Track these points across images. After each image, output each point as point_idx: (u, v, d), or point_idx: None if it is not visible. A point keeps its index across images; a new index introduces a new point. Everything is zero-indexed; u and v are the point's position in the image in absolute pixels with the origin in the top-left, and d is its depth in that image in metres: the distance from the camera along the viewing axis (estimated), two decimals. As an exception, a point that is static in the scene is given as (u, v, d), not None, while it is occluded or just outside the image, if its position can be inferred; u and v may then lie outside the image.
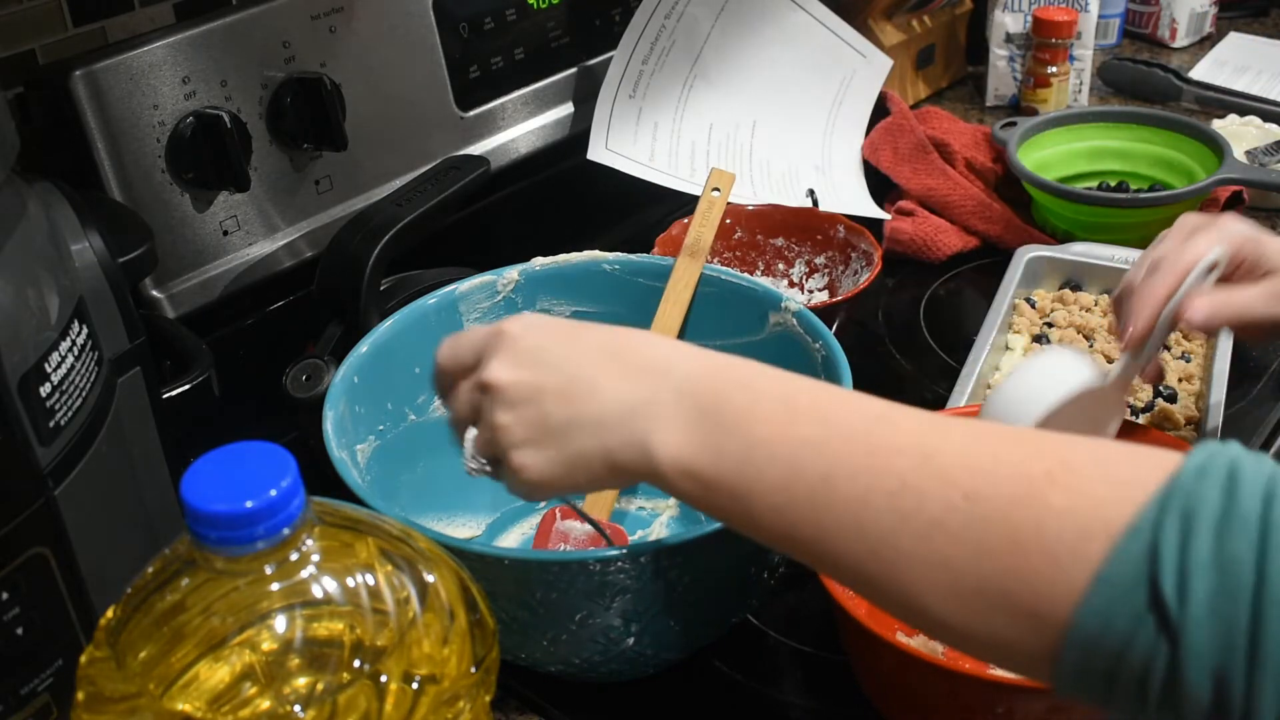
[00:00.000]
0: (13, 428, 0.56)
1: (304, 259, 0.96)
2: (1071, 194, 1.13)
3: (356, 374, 0.76)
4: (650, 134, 1.16)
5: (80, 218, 0.66)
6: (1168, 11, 1.56)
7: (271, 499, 0.47)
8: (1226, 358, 0.95)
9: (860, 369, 0.75)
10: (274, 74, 0.91)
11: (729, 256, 1.08)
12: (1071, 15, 1.34)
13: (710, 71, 1.21)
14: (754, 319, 0.82)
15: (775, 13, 1.25)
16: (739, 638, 0.78)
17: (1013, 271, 1.07)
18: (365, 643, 0.50)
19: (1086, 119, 1.25)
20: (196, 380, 0.73)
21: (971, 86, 1.51)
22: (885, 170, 1.25)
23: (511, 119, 1.11)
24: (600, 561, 0.63)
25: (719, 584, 0.68)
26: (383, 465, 0.77)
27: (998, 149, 1.26)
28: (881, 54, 1.34)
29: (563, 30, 1.13)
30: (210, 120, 0.87)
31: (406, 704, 0.49)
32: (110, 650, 0.49)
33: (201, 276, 0.91)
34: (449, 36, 1.03)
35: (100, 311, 0.65)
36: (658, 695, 0.75)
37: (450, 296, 0.82)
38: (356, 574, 0.51)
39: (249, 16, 0.90)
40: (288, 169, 0.94)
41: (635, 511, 0.89)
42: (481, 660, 0.53)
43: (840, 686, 0.74)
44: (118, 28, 0.89)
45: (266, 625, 0.49)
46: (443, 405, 0.62)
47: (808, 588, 0.81)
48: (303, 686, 0.49)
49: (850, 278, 1.04)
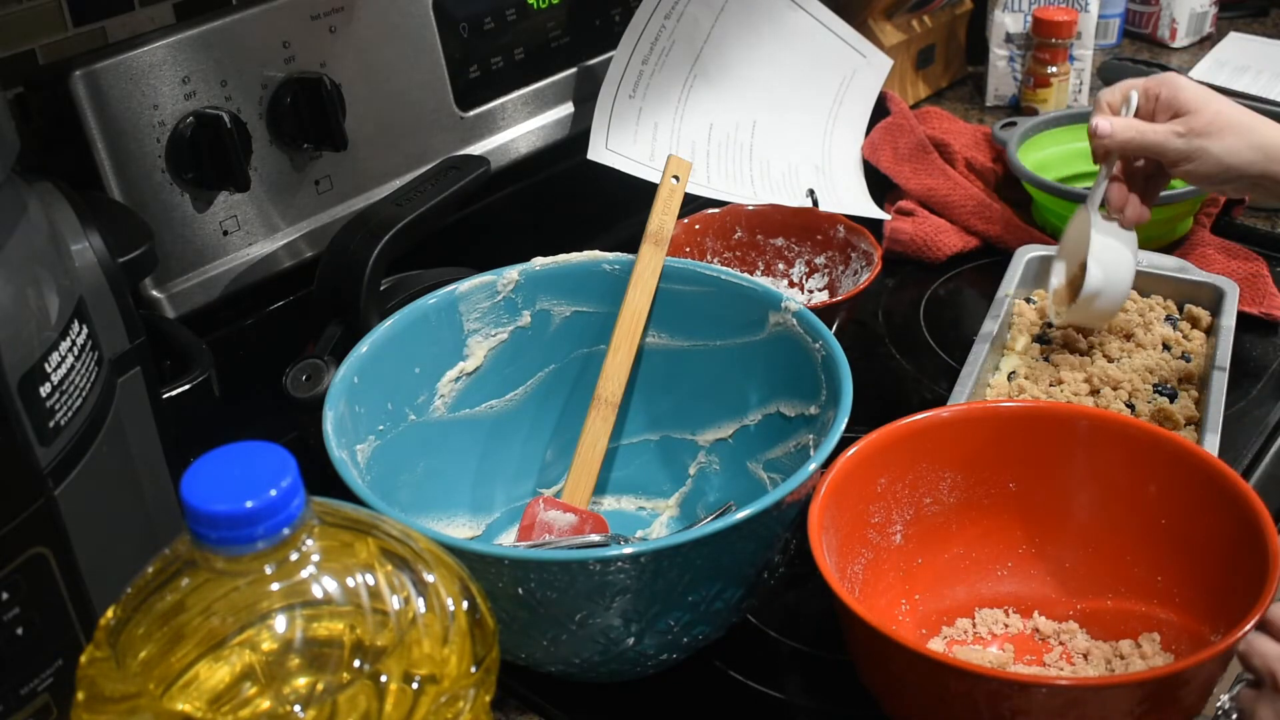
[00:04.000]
0: (13, 428, 0.56)
1: (304, 259, 0.96)
2: (1071, 194, 1.13)
3: (356, 374, 0.76)
4: (650, 134, 1.16)
5: (80, 218, 0.66)
6: (1168, 11, 1.56)
7: (271, 499, 0.46)
8: (1227, 358, 0.95)
9: (860, 369, 0.75)
10: (274, 74, 0.91)
11: (729, 256, 1.08)
12: (1071, 15, 1.34)
13: (710, 71, 1.21)
14: (754, 319, 0.82)
15: (775, 13, 1.25)
16: (739, 638, 0.78)
17: (1013, 271, 1.07)
18: (365, 643, 0.50)
19: (1086, 119, 1.25)
20: (196, 380, 0.73)
21: (971, 86, 1.51)
22: (885, 170, 1.25)
23: (511, 119, 1.11)
24: (600, 561, 0.62)
25: (719, 584, 0.68)
26: (383, 465, 0.77)
27: (998, 149, 1.26)
28: (881, 54, 1.34)
29: (563, 30, 1.13)
30: (210, 120, 0.87)
31: (406, 704, 0.49)
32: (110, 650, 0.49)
33: (201, 276, 0.91)
34: (449, 36, 1.03)
35: (100, 311, 0.65)
36: (658, 695, 0.75)
37: (450, 296, 0.82)
38: (356, 574, 0.51)
39: (249, 16, 0.90)
40: (288, 169, 0.94)
41: (635, 511, 0.89)
42: (481, 660, 0.53)
43: (840, 686, 0.74)
44: (118, 28, 0.89)
45: (266, 625, 0.49)
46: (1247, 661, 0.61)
47: (808, 588, 0.81)
48: (303, 686, 0.49)
49: (850, 278, 1.04)
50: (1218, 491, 0.70)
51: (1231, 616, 0.63)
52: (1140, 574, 0.75)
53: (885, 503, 0.76)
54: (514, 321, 0.85)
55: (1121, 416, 0.76)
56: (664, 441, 0.89)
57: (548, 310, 0.86)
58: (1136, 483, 0.74)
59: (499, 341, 0.85)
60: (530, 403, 0.87)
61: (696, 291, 0.85)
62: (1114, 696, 0.61)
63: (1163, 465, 0.73)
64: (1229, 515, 0.69)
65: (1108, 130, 0.91)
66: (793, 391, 0.80)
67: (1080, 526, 0.77)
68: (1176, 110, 0.90)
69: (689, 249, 1.06)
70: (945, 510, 0.78)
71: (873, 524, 0.76)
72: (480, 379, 0.84)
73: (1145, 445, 0.74)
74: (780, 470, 0.82)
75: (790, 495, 0.66)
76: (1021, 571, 0.78)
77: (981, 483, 0.78)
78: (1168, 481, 0.73)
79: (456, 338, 0.83)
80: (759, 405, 0.84)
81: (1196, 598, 0.71)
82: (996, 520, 0.78)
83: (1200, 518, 0.71)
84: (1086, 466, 0.76)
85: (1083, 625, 0.76)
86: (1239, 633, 0.60)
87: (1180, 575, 0.73)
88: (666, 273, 0.85)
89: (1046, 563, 0.78)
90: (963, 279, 1.16)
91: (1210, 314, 1.02)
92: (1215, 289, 1.03)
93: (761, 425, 0.84)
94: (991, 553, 0.78)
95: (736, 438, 0.86)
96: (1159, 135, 0.90)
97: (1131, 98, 0.93)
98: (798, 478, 0.67)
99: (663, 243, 0.85)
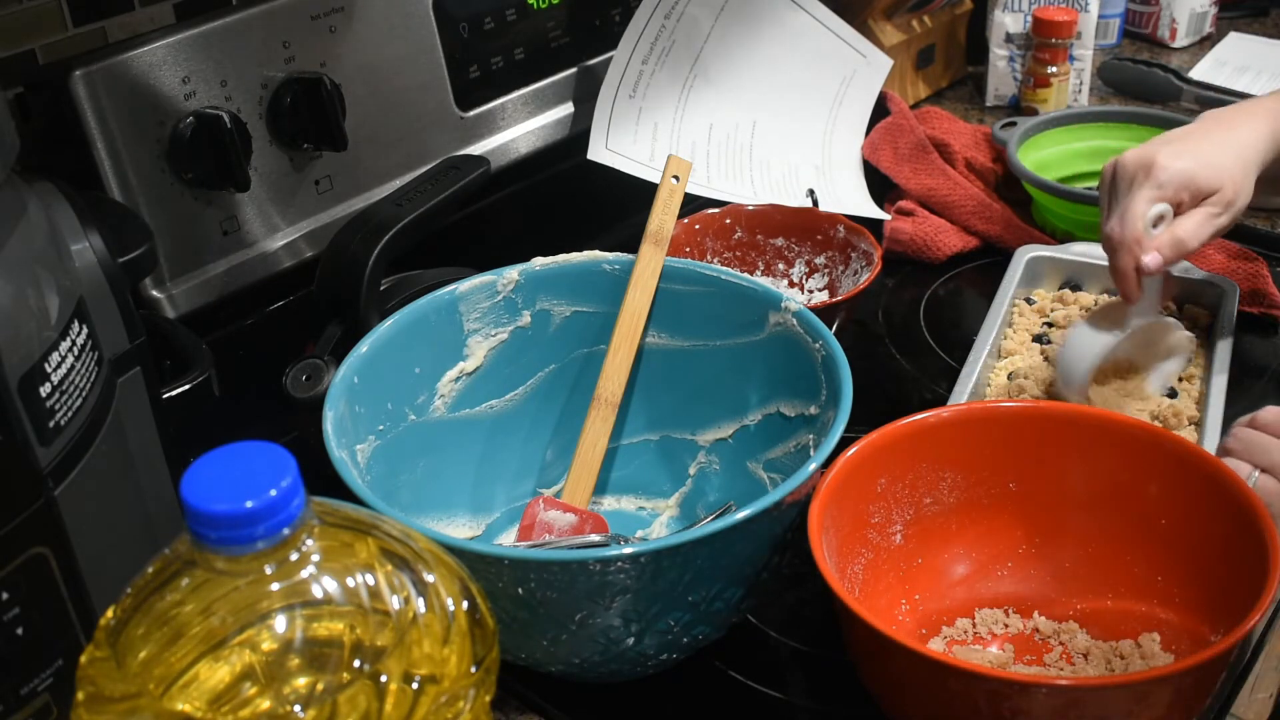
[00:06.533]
0: (13, 428, 0.56)
1: (304, 259, 0.96)
2: (1071, 194, 1.13)
3: (356, 374, 0.76)
4: (650, 134, 1.16)
5: (80, 218, 0.66)
6: (1168, 11, 1.56)
7: (271, 499, 0.46)
8: (1227, 358, 0.95)
9: (860, 369, 0.75)
10: (274, 74, 0.91)
11: (729, 256, 1.08)
12: (1071, 15, 1.34)
13: (710, 71, 1.21)
14: (754, 319, 0.82)
15: (775, 13, 1.25)
16: (739, 638, 0.78)
17: (1013, 271, 1.07)
18: (365, 643, 0.50)
19: (1086, 119, 1.25)
20: (196, 380, 0.73)
21: (971, 86, 1.51)
22: (885, 170, 1.25)
23: (511, 119, 1.11)
24: (600, 561, 0.63)
25: (719, 584, 0.68)
26: (383, 465, 0.77)
27: (998, 149, 1.26)
28: (881, 54, 1.34)
29: (563, 30, 1.13)
30: (210, 120, 0.87)
31: (406, 704, 0.49)
32: (110, 650, 0.49)
33: (201, 276, 0.91)
34: (449, 36, 1.03)
35: (100, 311, 0.65)
36: (658, 695, 0.75)
37: (450, 296, 0.82)
38: (356, 574, 0.51)
39: (249, 16, 0.90)
40: (288, 169, 0.94)
41: (635, 511, 0.89)
42: (481, 660, 0.53)
43: (840, 686, 0.74)
44: (118, 28, 0.89)
45: (266, 625, 0.49)
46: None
47: (808, 588, 0.81)
48: (303, 686, 0.49)
49: (850, 278, 1.04)
50: (1218, 491, 0.70)
51: (1231, 616, 0.63)
52: (1140, 574, 0.75)
53: (885, 503, 0.76)
54: (514, 321, 0.85)
55: (1121, 416, 0.76)
56: (664, 441, 0.89)
57: (548, 310, 0.86)
58: (1136, 483, 0.74)
59: (499, 341, 0.85)
60: (530, 403, 0.87)
61: (696, 291, 0.85)
62: (1114, 696, 0.61)
63: (1163, 465, 0.73)
64: (1229, 515, 0.69)
65: (1158, 262, 0.85)
66: (793, 391, 0.80)
67: (1080, 526, 0.77)
68: (1197, 195, 0.86)
69: (689, 249, 1.06)
70: (945, 510, 0.78)
71: (873, 524, 0.76)
72: (480, 379, 0.84)
73: (1145, 445, 0.74)
74: (780, 470, 0.82)
75: (790, 495, 0.66)
76: (1021, 571, 0.78)
77: (981, 483, 0.78)
78: (1168, 481, 0.73)
79: (456, 338, 0.83)
80: (759, 405, 0.84)
81: (1196, 598, 0.71)
82: (996, 520, 0.78)
83: (1200, 518, 0.71)
84: (1086, 466, 0.76)
85: (1083, 625, 0.76)
86: (1239, 633, 0.60)
87: (1180, 575, 0.73)
88: (666, 273, 0.85)
89: (1046, 563, 0.78)
90: (963, 279, 1.16)
91: (1210, 314, 1.02)
92: (1215, 289, 1.03)
93: (761, 425, 0.84)
94: (991, 553, 0.78)
95: (736, 438, 0.86)
96: (1205, 232, 0.86)
97: (1168, 212, 0.87)
98: (798, 478, 0.67)
99: (663, 243, 0.85)
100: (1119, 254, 0.86)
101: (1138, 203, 0.86)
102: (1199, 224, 0.86)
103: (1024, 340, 1.02)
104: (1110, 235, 0.87)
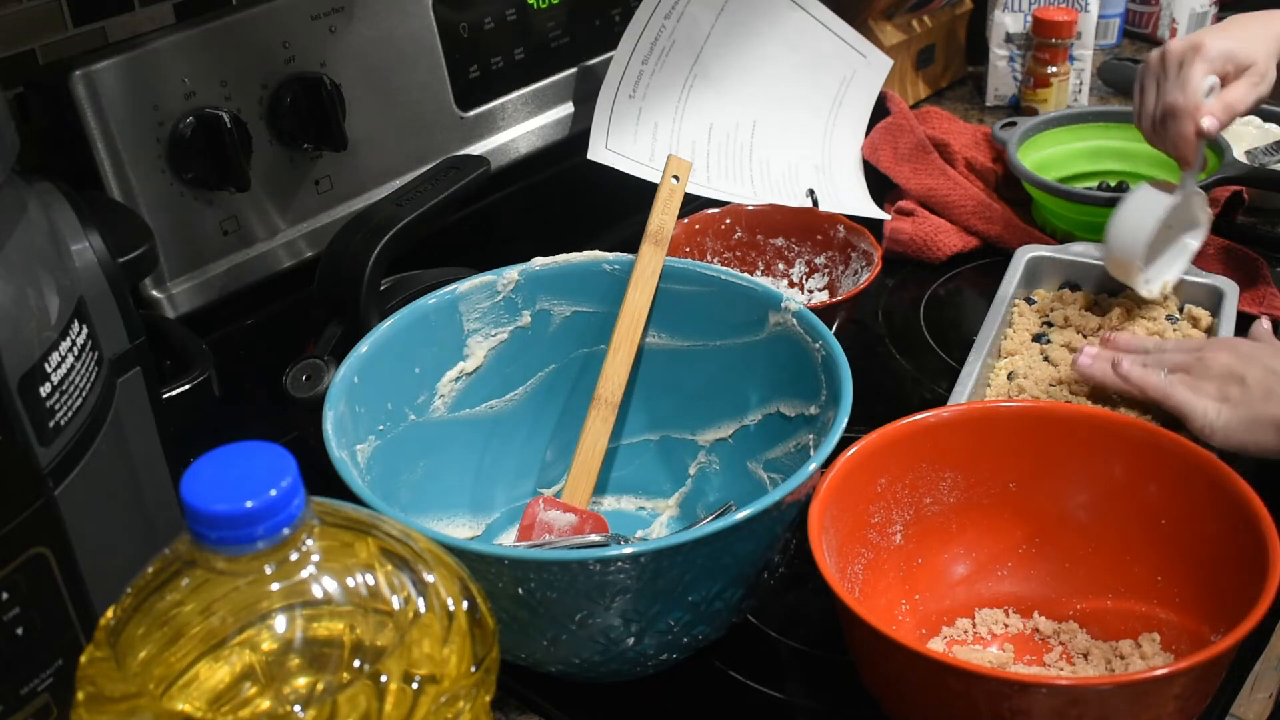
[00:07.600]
0: (13, 428, 0.56)
1: (304, 259, 0.96)
2: (1071, 194, 1.13)
3: (356, 374, 0.76)
4: (650, 134, 1.16)
5: (80, 218, 0.66)
6: (1168, 11, 1.56)
7: (271, 499, 0.46)
8: (1226, 358, 0.95)
9: (860, 369, 0.75)
10: (274, 74, 0.91)
11: (729, 256, 1.08)
12: (1071, 15, 1.34)
13: (710, 71, 1.21)
14: (754, 319, 0.82)
15: (775, 13, 1.25)
16: (739, 638, 0.78)
17: (1013, 271, 1.07)
18: (365, 643, 0.50)
19: (1086, 119, 1.25)
20: (196, 380, 0.73)
21: (971, 86, 1.51)
22: (885, 170, 1.25)
23: (511, 119, 1.11)
24: (600, 561, 0.63)
25: (719, 584, 0.68)
26: (383, 465, 0.77)
27: (998, 149, 1.26)
28: (881, 54, 1.34)
29: (563, 30, 1.13)
30: (210, 120, 0.87)
31: (406, 704, 0.49)
32: (110, 650, 0.49)
33: (201, 276, 0.91)
34: (449, 36, 1.03)
35: (100, 311, 0.65)
36: (658, 695, 0.75)
37: (450, 296, 0.82)
38: (356, 574, 0.51)
39: (249, 16, 0.90)
40: (288, 169, 0.94)
41: (635, 511, 0.89)
42: (481, 660, 0.53)
43: (840, 686, 0.74)
44: (118, 28, 0.89)
45: (266, 625, 0.49)
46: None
47: (808, 588, 0.81)
48: (303, 686, 0.49)
49: (850, 278, 1.04)
50: (1218, 491, 0.70)
51: (1231, 616, 0.63)
52: (1140, 574, 0.75)
53: (885, 503, 0.76)
54: (514, 321, 0.85)
55: (1122, 416, 0.77)
56: (664, 441, 0.89)
57: (548, 310, 0.86)
58: (1136, 483, 0.74)
59: (499, 341, 0.85)
60: (530, 403, 0.87)
61: (696, 291, 0.85)
62: (1114, 696, 0.61)
63: (1163, 465, 0.73)
64: (1229, 515, 0.69)
65: (1215, 125, 0.94)
66: (793, 391, 0.80)
67: (1080, 526, 0.77)
68: (1240, 68, 0.96)
69: (689, 249, 1.06)
70: (945, 510, 0.78)
71: (873, 524, 0.76)
72: (480, 379, 0.84)
73: (1145, 445, 0.74)
74: (780, 470, 0.82)
75: (790, 495, 0.66)
76: (1021, 571, 0.78)
77: (981, 483, 0.78)
78: (1168, 481, 0.73)
79: (456, 338, 0.83)
80: (759, 405, 0.84)
81: (1196, 598, 0.71)
82: (996, 520, 0.78)
83: (1200, 517, 0.71)
84: (1086, 466, 0.76)
85: (1083, 625, 0.76)
86: (1239, 633, 0.60)
87: (1180, 575, 0.73)
88: (666, 273, 0.85)
89: (1046, 563, 0.78)
90: (963, 279, 1.16)
91: (1210, 314, 1.02)
92: (1215, 289, 1.03)
93: (761, 425, 0.84)
94: (991, 553, 0.78)
95: (736, 438, 0.86)
96: (1251, 97, 0.96)
97: (1216, 84, 0.96)
98: (798, 478, 0.67)
99: (663, 243, 0.85)
100: (1181, 120, 0.95)
101: (1195, 75, 0.95)
102: (1245, 91, 0.96)
103: (1024, 340, 1.02)
104: (1174, 104, 0.96)
